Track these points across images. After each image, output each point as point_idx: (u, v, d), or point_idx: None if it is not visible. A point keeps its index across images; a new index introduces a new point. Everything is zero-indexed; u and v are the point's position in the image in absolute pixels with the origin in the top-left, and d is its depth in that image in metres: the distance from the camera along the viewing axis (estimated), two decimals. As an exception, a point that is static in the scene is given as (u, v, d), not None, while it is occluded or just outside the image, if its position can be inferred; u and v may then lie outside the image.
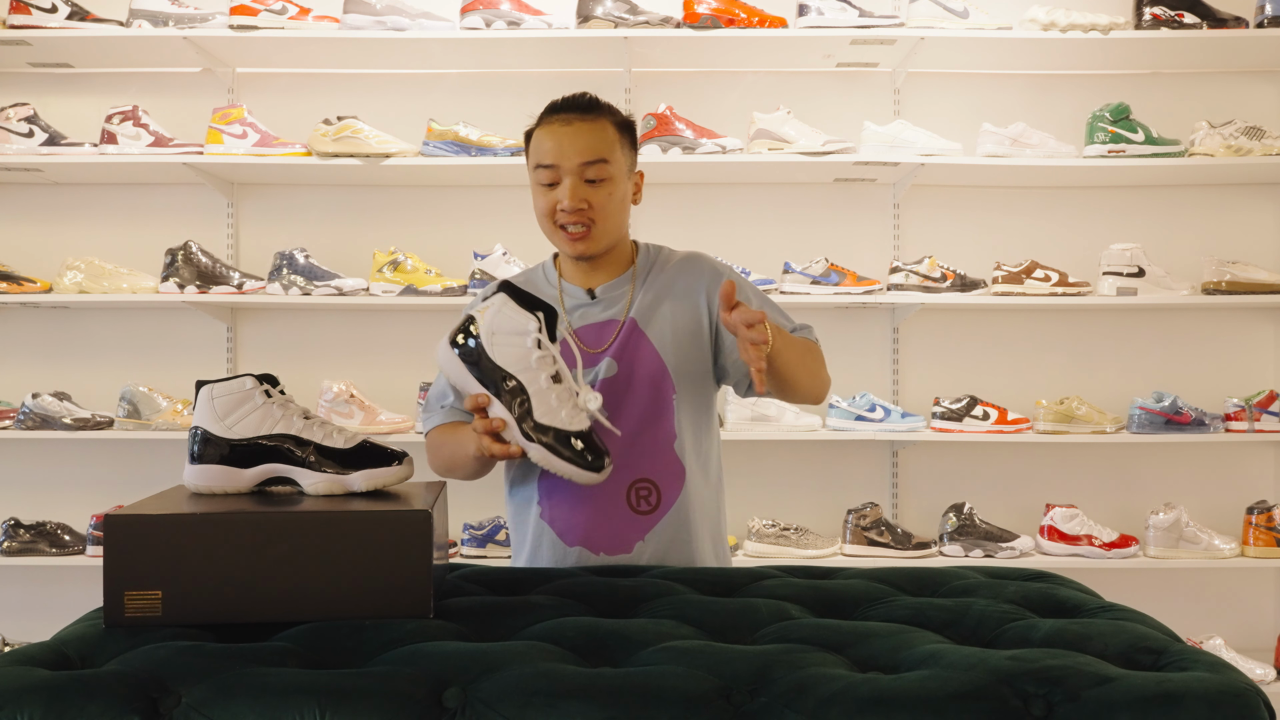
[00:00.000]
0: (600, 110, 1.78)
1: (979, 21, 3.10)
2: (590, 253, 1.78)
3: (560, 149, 1.73)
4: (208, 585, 1.22)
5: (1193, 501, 3.28)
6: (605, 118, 1.77)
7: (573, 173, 1.73)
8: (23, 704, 1.02)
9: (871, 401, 3.17)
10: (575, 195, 1.72)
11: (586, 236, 1.75)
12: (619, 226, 1.80)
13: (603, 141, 1.75)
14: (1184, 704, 1.01)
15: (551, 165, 1.74)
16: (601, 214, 1.75)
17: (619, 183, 1.77)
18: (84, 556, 3.13)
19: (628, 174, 1.80)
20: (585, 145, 1.73)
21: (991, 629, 1.26)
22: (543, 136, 1.76)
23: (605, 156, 1.74)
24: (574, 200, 1.72)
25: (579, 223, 1.74)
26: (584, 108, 1.77)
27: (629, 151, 1.81)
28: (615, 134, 1.77)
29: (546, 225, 1.78)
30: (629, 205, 1.82)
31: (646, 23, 3.07)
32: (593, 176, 1.73)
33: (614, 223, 1.78)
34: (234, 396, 1.38)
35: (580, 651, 1.16)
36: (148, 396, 3.16)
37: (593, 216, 1.74)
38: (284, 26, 3.09)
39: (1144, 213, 3.37)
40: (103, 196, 3.39)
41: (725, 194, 3.34)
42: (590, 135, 1.74)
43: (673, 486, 1.77)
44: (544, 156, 1.75)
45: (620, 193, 1.77)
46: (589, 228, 1.75)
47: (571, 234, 1.75)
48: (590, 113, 1.77)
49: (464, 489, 2.52)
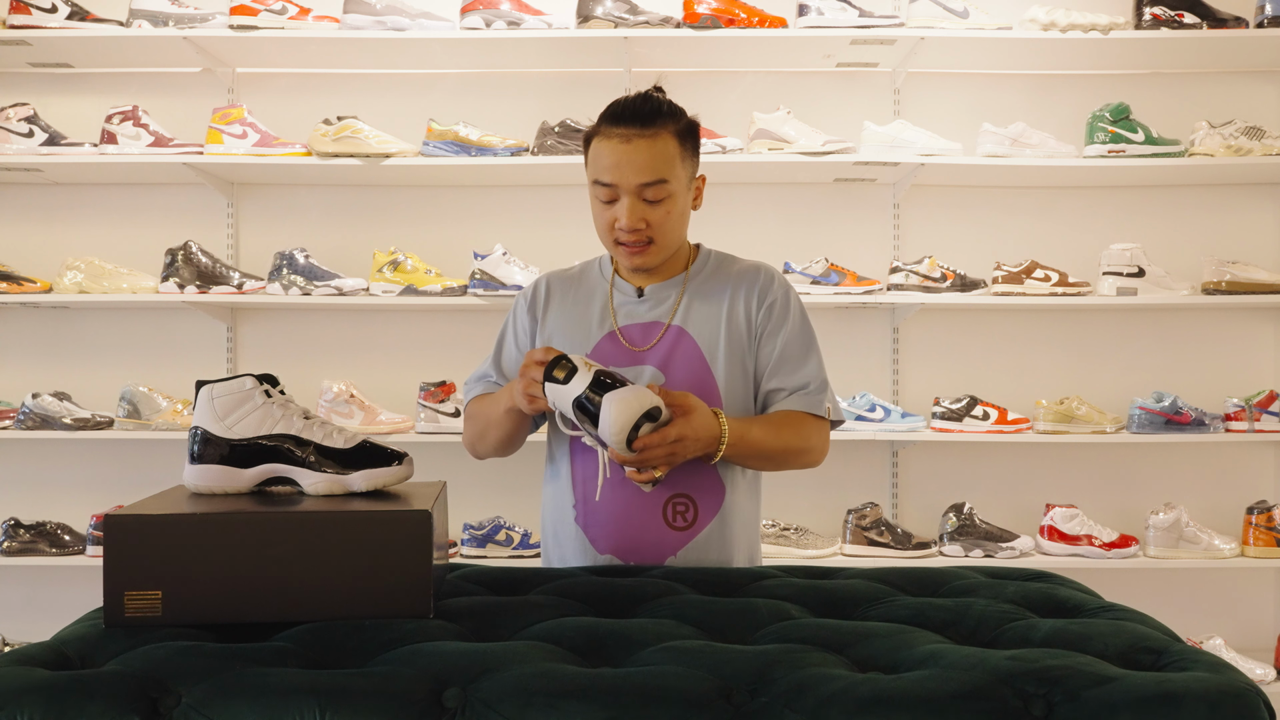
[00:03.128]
0: (661, 119, 1.71)
1: (979, 21, 3.10)
2: (648, 265, 1.77)
3: (619, 168, 1.70)
4: (208, 585, 1.22)
5: (1193, 501, 3.28)
6: (666, 129, 1.71)
7: (631, 193, 1.70)
8: (23, 704, 1.02)
9: (871, 401, 3.17)
10: (634, 215, 1.71)
11: (644, 252, 1.74)
12: (678, 239, 1.79)
13: (662, 159, 1.70)
14: (1184, 704, 1.01)
15: (610, 184, 1.71)
16: (660, 231, 1.73)
17: (678, 198, 1.74)
18: (84, 556, 3.13)
19: (688, 185, 1.77)
20: (644, 165, 1.69)
21: (991, 629, 1.26)
22: (602, 151, 1.72)
23: (665, 176, 1.70)
24: (632, 220, 1.71)
25: (637, 241, 1.73)
26: (645, 118, 1.70)
27: (690, 160, 1.76)
28: (676, 147, 1.72)
29: (606, 239, 1.77)
30: (689, 215, 1.80)
31: (646, 23, 3.07)
32: (651, 197, 1.71)
33: (673, 237, 1.77)
34: (234, 396, 1.38)
35: (580, 651, 1.16)
36: (148, 396, 3.16)
37: (651, 235, 1.73)
38: (284, 26, 3.09)
39: (1144, 213, 3.37)
40: (103, 196, 3.38)
41: (725, 194, 3.33)
42: (650, 153, 1.69)
43: (711, 503, 1.75)
44: (602, 174, 1.72)
45: (680, 207, 1.75)
46: (647, 244, 1.74)
47: (629, 249, 1.74)
48: (650, 125, 1.70)
49: (464, 489, 2.53)
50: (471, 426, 1.86)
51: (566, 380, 1.53)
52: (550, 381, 1.55)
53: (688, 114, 1.78)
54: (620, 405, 1.50)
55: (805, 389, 1.77)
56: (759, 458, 1.74)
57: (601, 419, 1.50)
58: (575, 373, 1.54)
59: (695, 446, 1.60)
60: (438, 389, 3.13)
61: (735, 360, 1.78)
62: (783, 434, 1.74)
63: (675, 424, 1.56)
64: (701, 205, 1.83)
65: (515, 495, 3.13)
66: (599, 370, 1.54)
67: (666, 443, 1.55)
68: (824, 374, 1.81)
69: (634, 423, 1.50)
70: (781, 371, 1.78)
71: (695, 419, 1.59)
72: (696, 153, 1.79)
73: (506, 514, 3.17)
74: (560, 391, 1.54)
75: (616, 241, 1.74)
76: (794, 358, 1.79)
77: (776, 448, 1.74)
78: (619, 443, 1.52)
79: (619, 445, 1.52)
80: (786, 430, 1.75)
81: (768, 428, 1.73)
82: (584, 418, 1.54)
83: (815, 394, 1.78)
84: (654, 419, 1.53)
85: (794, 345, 1.79)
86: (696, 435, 1.59)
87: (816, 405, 1.77)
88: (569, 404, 1.54)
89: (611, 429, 1.50)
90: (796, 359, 1.79)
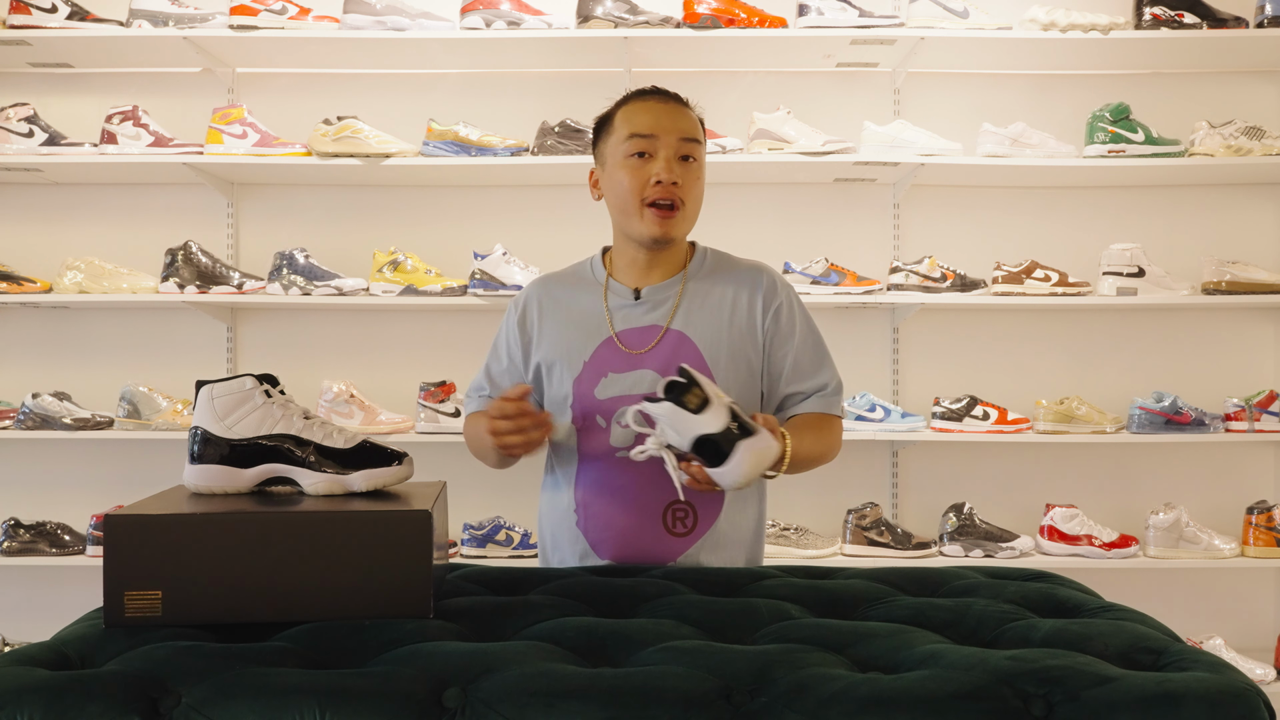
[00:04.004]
0: (683, 102, 1.81)
1: (979, 21, 3.10)
2: (673, 234, 1.75)
3: (659, 122, 1.73)
4: (208, 585, 1.22)
5: (1193, 501, 3.28)
6: (693, 112, 1.80)
7: (671, 146, 1.73)
8: (23, 704, 1.02)
9: (871, 401, 3.17)
10: (671, 169, 1.72)
11: (673, 216, 1.73)
12: (696, 216, 1.80)
13: (694, 127, 1.77)
14: (1184, 704, 1.01)
15: (650, 135, 1.73)
16: (690, 195, 1.75)
17: (702, 170, 1.78)
18: (84, 556, 3.13)
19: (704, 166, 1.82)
20: (686, 124, 1.76)
21: (991, 629, 1.26)
22: (637, 110, 1.76)
23: (698, 138, 1.76)
24: (670, 173, 1.71)
25: (669, 200, 1.72)
26: (673, 97, 1.80)
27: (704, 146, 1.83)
28: (699, 126, 1.80)
29: (632, 203, 1.73)
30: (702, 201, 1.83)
31: (646, 23, 3.07)
32: (688, 153, 1.74)
33: (695, 209, 1.79)
34: (234, 396, 1.38)
35: (580, 651, 1.16)
36: (148, 396, 3.16)
37: (683, 196, 1.74)
38: (284, 26, 3.09)
39: (1144, 213, 3.37)
40: (103, 196, 3.38)
41: (725, 194, 3.33)
42: (686, 117, 1.77)
43: (711, 510, 1.75)
44: (641, 126, 1.73)
45: (703, 181, 1.79)
46: (678, 208, 1.74)
47: (660, 212, 1.72)
48: (679, 101, 1.80)
49: (464, 489, 2.52)
50: (470, 445, 1.87)
51: (699, 410, 1.43)
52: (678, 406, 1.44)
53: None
54: (756, 459, 1.45)
55: (823, 391, 1.80)
56: (803, 466, 1.72)
57: (731, 465, 1.45)
58: (707, 405, 1.43)
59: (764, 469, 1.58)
60: (438, 389, 3.13)
61: (739, 364, 1.77)
62: (822, 440, 1.77)
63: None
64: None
65: (515, 495, 3.13)
66: (732, 406, 1.46)
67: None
68: (838, 374, 1.84)
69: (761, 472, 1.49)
70: (799, 376, 1.80)
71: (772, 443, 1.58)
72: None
73: (506, 514, 3.17)
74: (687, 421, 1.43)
75: (646, 204, 1.73)
76: (809, 361, 1.81)
77: (815, 455, 1.75)
78: (734, 488, 1.50)
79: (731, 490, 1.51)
80: (825, 435, 1.78)
81: (812, 435, 1.73)
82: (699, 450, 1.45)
83: (833, 395, 1.81)
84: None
85: (807, 349, 1.81)
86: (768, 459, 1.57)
87: (835, 406, 1.81)
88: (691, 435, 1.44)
89: (738, 479, 1.46)
90: (812, 363, 1.81)
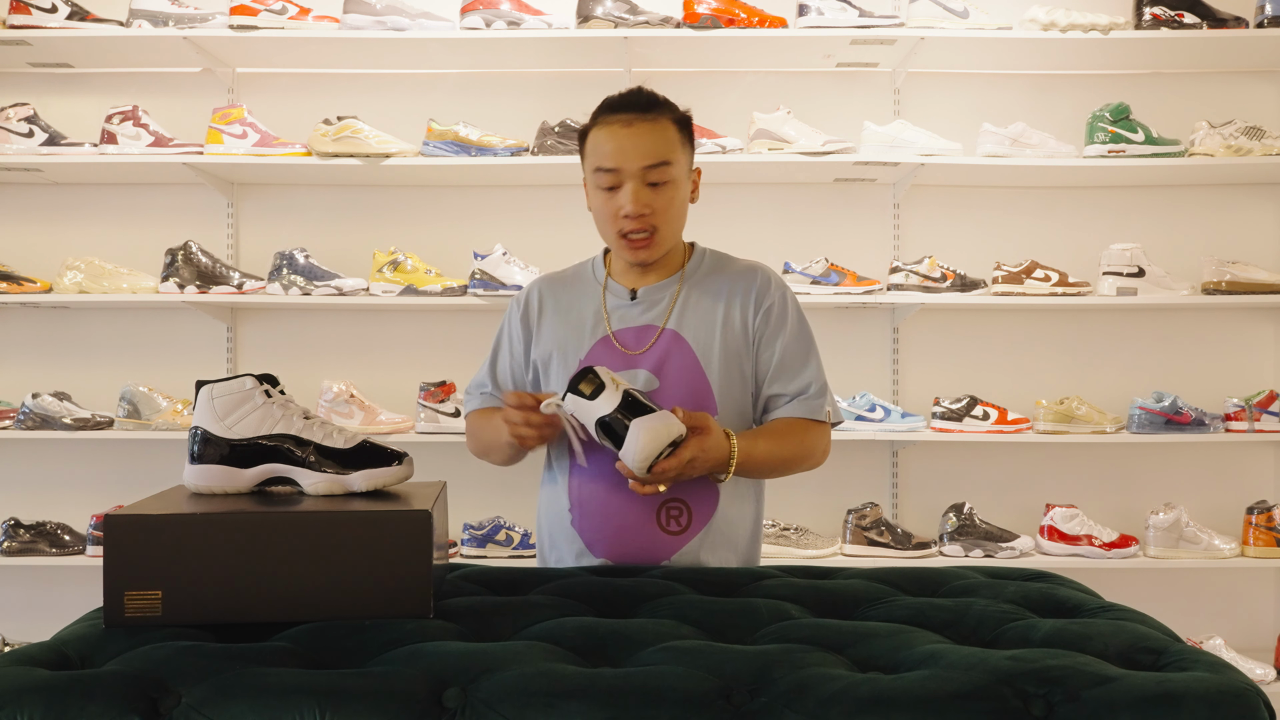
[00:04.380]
0: (660, 108, 1.72)
1: (979, 21, 3.10)
2: (650, 259, 1.75)
3: (622, 151, 1.68)
4: (208, 585, 1.22)
5: (1193, 501, 3.28)
6: (665, 115, 1.72)
7: (635, 176, 1.68)
8: (23, 704, 1.02)
9: (871, 401, 3.17)
10: (638, 200, 1.68)
11: (649, 244, 1.72)
12: (679, 230, 1.77)
13: (665, 142, 1.70)
14: (1184, 704, 1.01)
15: (613, 169, 1.69)
16: (664, 218, 1.71)
17: (680, 186, 1.73)
18: (84, 556, 3.13)
19: (687, 174, 1.76)
20: (648, 148, 1.68)
21: (991, 629, 1.26)
22: (602, 138, 1.70)
23: (668, 158, 1.69)
24: (637, 205, 1.68)
25: (642, 229, 1.70)
26: (643, 106, 1.71)
27: (688, 150, 1.76)
28: (676, 133, 1.72)
29: (608, 232, 1.74)
30: (688, 208, 1.78)
31: (646, 23, 3.07)
32: (656, 179, 1.69)
33: (676, 226, 1.75)
34: (234, 396, 1.38)
35: (580, 651, 1.16)
36: (148, 396, 3.16)
37: (655, 222, 1.70)
38: (284, 26, 3.09)
39: (1144, 213, 3.37)
40: (103, 196, 3.38)
41: (725, 194, 3.33)
42: (652, 136, 1.69)
43: (705, 509, 1.75)
44: (604, 159, 1.69)
45: (681, 196, 1.74)
46: (652, 234, 1.71)
47: (634, 241, 1.71)
48: (650, 111, 1.71)
49: (464, 489, 2.52)
50: (474, 442, 1.87)
51: (593, 396, 1.50)
52: (575, 395, 1.52)
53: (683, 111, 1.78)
54: (650, 435, 1.48)
55: (805, 394, 1.77)
56: (764, 471, 1.75)
57: (627, 444, 1.49)
58: (602, 390, 1.50)
59: (705, 466, 1.60)
60: (438, 389, 3.13)
61: (731, 364, 1.76)
62: (786, 445, 1.74)
63: (689, 445, 1.56)
64: (698, 199, 1.82)
65: (515, 495, 3.13)
66: (626, 390, 1.52)
67: (681, 463, 1.55)
68: (824, 377, 1.80)
69: (660, 451, 1.50)
70: (782, 377, 1.77)
71: (709, 440, 1.59)
72: (692, 145, 1.79)
73: (506, 514, 3.17)
74: (585, 408, 1.52)
75: (620, 234, 1.72)
76: (793, 362, 1.78)
77: (780, 460, 1.74)
78: (640, 469, 1.51)
79: (640, 471, 1.52)
80: (790, 441, 1.75)
81: (772, 441, 1.73)
82: (605, 436, 1.52)
83: (815, 399, 1.77)
84: (676, 445, 1.53)
85: (793, 350, 1.78)
86: (708, 456, 1.59)
87: (817, 410, 1.77)
88: (592, 421, 1.52)
89: (637, 457, 1.49)
90: (796, 364, 1.78)
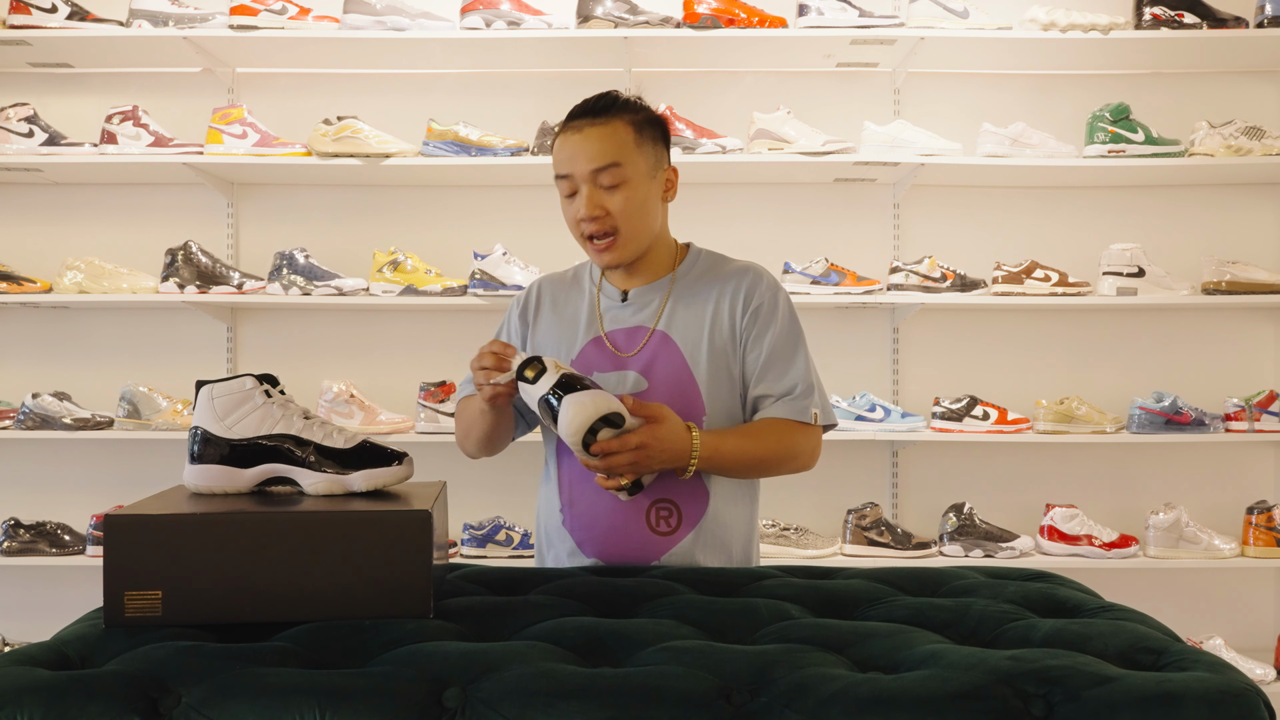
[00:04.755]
0: (615, 110, 1.72)
1: (979, 21, 3.10)
2: (619, 262, 1.75)
3: (572, 157, 1.71)
4: (208, 585, 1.22)
5: (1193, 501, 3.28)
6: (620, 118, 1.72)
7: (586, 180, 1.70)
8: (23, 704, 1.02)
9: (871, 401, 3.17)
10: (591, 203, 1.70)
11: (613, 246, 1.72)
12: (647, 230, 1.76)
13: (614, 144, 1.70)
14: (1184, 704, 1.01)
15: (566, 175, 1.71)
16: (624, 219, 1.71)
17: (638, 184, 1.72)
18: (84, 556, 3.13)
19: (649, 173, 1.74)
20: (595, 151, 1.69)
21: (991, 629, 1.26)
22: (558, 146, 1.74)
23: (617, 160, 1.69)
24: (590, 209, 1.69)
25: (603, 232, 1.71)
26: (597, 111, 1.72)
27: (651, 148, 1.75)
28: (630, 133, 1.72)
29: (577, 237, 1.76)
30: (656, 206, 1.77)
31: (646, 23, 3.07)
32: (607, 182, 1.69)
33: (639, 227, 1.74)
34: (234, 396, 1.38)
35: (580, 651, 1.16)
36: (148, 396, 3.16)
37: (614, 224, 1.71)
38: (284, 26, 3.09)
39: (1144, 213, 3.37)
40: (103, 196, 3.38)
41: (725, 194, 3.34)
42: (601, 140, 1.70)
43: (695, 509, 1.74)
44: (560, 166, 1.73)
45: (641, 195, 1.72)
46: (614, 236, 1.71)
47: (597, 245, 1.72)
48: (603, 115, 1.71)
49: (464, 489, 2.53)
50: (459, 424, 1.89)
51: (535, 380, 1.57)
52: (521, 380, 1.59)
53: (653, 111, 1.78)
54: (576, 407, 1.53)
55: (791, 394, 1.74)
56: (739, 470, 1.73)
57: (559, 419, 1.54)
58: (544, 373, 1.57)
59: (661, 457, 1.60)
60: (438, 389, 3.13)
61: (719, 365, 1.75)
62: (763, 444, 1.72)
63: (639, 432, 1.56)
64: (675, 197, 1.80)
65: (515, 495, 3.13)
66: (566, 373, 1.57)
67: (628, 449, 1.55)
68: (811, 377, 1.77)
69: (590, 425, 1.53)
70: (768, 377, 1.75)
71: (662, 429, 1.59)
72: (661, 145, 1.78)
73: (506, 514, 3.17)
74: (529, 391, 1.58)
75: (584, 237, 1.74)
76: (780, 362, 1.75)
77: (756, 459, 1.72)
78: (575, 444, 1.55)
79: (575, 446, 1.55)
80: (768, 440, 1.73)
81: (745, 439, 1.71)
82: (549, 418, 1.57)
83: (801, 399, 1.74)
84: (614, 424, 1.55)
85: (780, 349, 1.76)
86: (662, 446, 1.59)
87: (802, 412, 1.74)
88: (534, 402, 1.58)
89: (568, 429, 1.53)
90: (783, 363, 1.75)
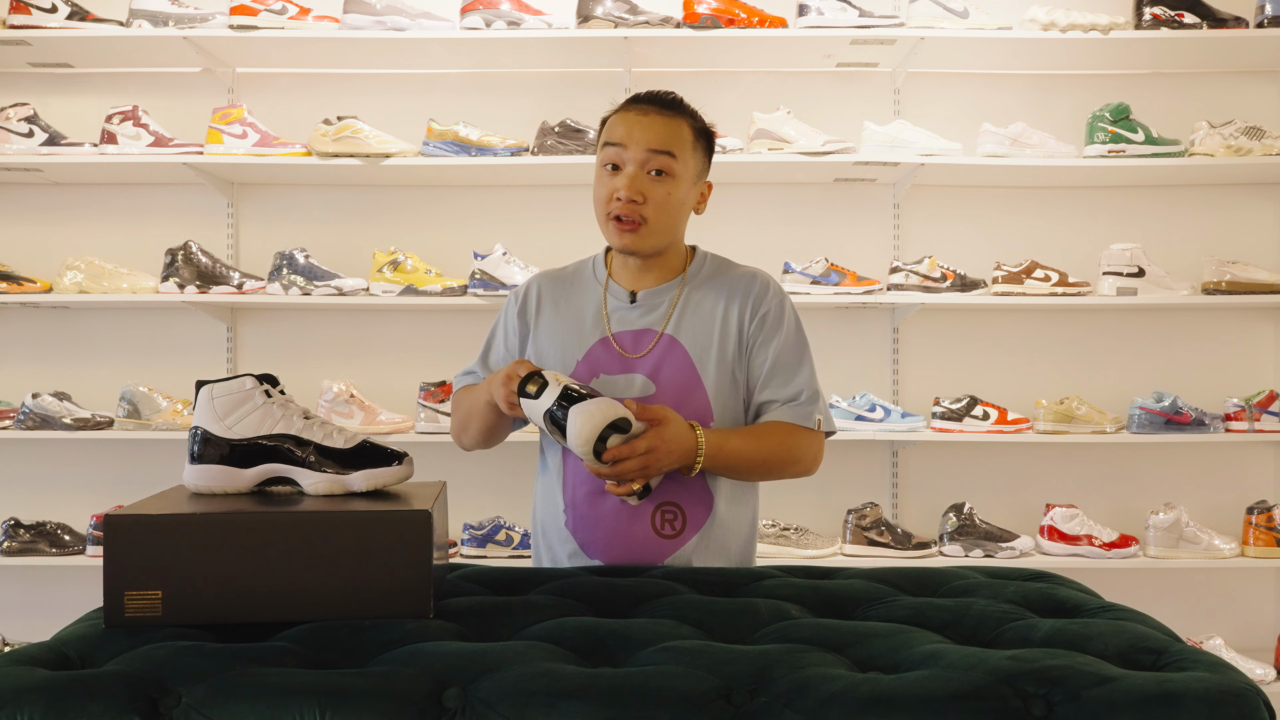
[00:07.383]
0: (681, 110, 1.76)
1: (979, 21, 3.10)
2: (636, 248, 1.74)
3: (630, 132, 1.71)
4: (208, 585, 1.22)
5: (1193, 501, 3.28)
6: (683, 117, 1.75)
7: (637, 160, 1.70)
8: (23, 704, 1.02)
9: (871, 401, 3.17)
10: (633, 185, 1.70)
11: (635, 231, 1.72)
12: (672, 229, 1.76)
13: (674, 136, 1.72)
14: (1184, 704, 1.01)
15: (618, 144, 1.71)
16: (656, 210, 1.71)
17: (681, 183, 1.73)
18: (84, 556, 3.13)
19: (694, 179, 1.76)
20: (657, 136, 1.71)
21: (991, 629, 1.26)
22: (616, 121, 1.74)
23: (673, 150, 1.71)
24: (630, 190, 1.69)
25: (630, 217, 1.71)
26: (665, 104, 1.75)
27: (700, 156, 1.77)
28: (690, 135, 1.74)
29: (600, 212, 1.75)
30: (687, 211, 1.78)
31: (646, 23, 3.07)
32: (657, 167, 1.70)
33: (667, 223, 1.74)
34: (234, 396, 1.38)
35: (580, 651, 1.16)
36: (148, 396, 3.16)
37: (645, 214, 1.71)
38: (284, 26, 3.09)
39: (1144, 213, 3.37)
40: (103, 196, 3.38)
41: (725, 194, 3.30)
42: (664, 128, 1.72)
43: (699, 513, 1.75)
44: (613, 135, 1.72)
45: (680, 195, 1.74)
46: (640, 224, 1.71)
47: (621, 225, 1.72)
48: (670, 109, 1.74)
49: (464, 489, 2.53)
50: (456, 415, 1.87)
51: (537, 395, 1.57)
52: (524, 397, 1.59)
53: (707, 124, 1.80)
54: (584, 417, 1.53)
55: (796, 400, 1.76)
56: (742, 470, 1.74)
57: (568, 431, 1.54)
58: (545, 387, 1.57)
59: (669, 459, 1.60)
60: (438, 389, 3.13)
61: (726, 370, 1.76)
62: (766, 446, 1.74)
63: (646, 436, 1.57)
64: (704, 211, 1.82)
65: (515, 495, 3.12)
66: (568, 384, 1.57)
67: (637, 454, 1.56)
68: (816, 385, 1.79)
69: (599, 433, 1.53)
70: (774, 383, 1.76)
71: (668, 431, 1.59)
72: (708, 156, 1.80)
73: (506, 514, 3.17)
74: (533, 406, 1.58)
75: (610, 216, 1.73)
76: (786, 369, 1.77)
77: (759, 460, 1.73)
78: (586, 453, 1.55)
79: (586, 455, 1.55)
80: (770, 442, 1.74)
81: (749, 440, 1.72)
82: (556, 431, 1.57)
83: (805, 405, 1.76)
84: (622, 430, 1.55)
85: (786, 356, 1.77)
86: (669, 448, 1.59)
87: (806, 417, 1.76)
88: (541, 418, 1.58)
89: (577, 440, 1.53)
90: (788, 370, 1.77)
